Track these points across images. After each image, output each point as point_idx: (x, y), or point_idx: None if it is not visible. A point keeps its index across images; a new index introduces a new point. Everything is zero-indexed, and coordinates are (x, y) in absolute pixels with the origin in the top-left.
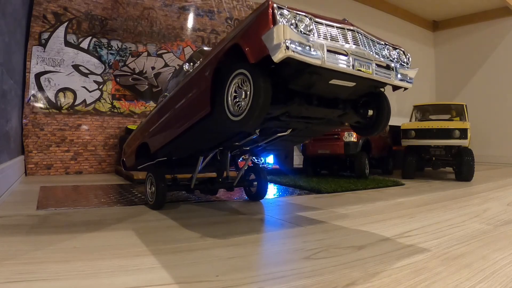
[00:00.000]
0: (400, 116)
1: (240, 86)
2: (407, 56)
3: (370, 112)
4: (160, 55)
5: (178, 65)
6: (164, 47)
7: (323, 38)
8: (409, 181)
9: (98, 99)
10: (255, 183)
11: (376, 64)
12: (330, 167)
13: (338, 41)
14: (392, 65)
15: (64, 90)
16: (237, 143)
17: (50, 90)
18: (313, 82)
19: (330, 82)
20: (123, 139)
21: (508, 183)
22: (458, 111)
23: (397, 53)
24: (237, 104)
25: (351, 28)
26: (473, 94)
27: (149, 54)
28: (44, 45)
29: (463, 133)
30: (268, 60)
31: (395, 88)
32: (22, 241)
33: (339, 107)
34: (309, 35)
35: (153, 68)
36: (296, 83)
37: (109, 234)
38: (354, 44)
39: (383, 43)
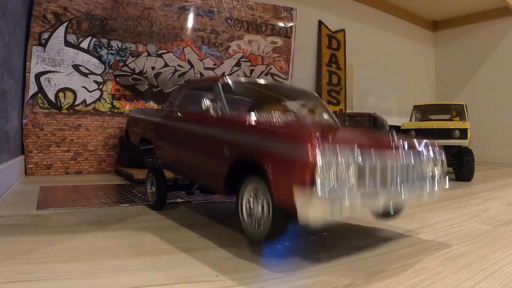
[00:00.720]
0: (400, 116)
1: (257, 194)
2: (442, 163)
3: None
4: (160, 55)
5: (178, 65)
6: (164, 47)
7: (359, 185)
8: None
9: (98, 99)
10: None
11: (408, 191)
12: None
13: (375, 181)
14: (426, 185)
15: (64, 90)
16: None
17: (50, 90)
18: None
19: None
20: (123, 139)
21: (508, 183)
22: (458, 111)
23: (433, 158)
24: (252, 215)
25: (393, 160)
26: (473, 94)
27: (149, 54)
28: (44, 45)
29: (463, 133)
30: None
31: None
32: (22, 241)
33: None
34: (345, 188)
35: (153, 68)
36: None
37: (109, 234)
38: (390, 181)
39: (422, 151)
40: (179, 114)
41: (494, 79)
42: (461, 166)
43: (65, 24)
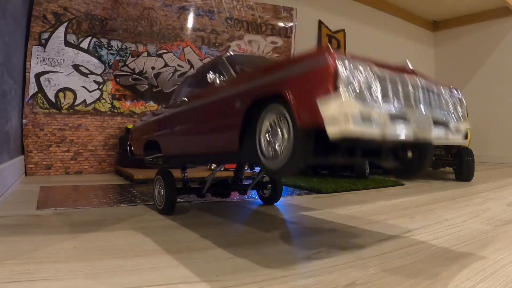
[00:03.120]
0: None
1: (277, 123)
2: (463, 105)
3: (410, 154)
4: (160, 55)
5: (178, 65)
6: (164, 47)
7: (384, 100)
8: (409, 181)
9: (98, 99)
10: (269, 185)
11: (435, 125)
12: (330, 167)
13: (400, 100)
14: (450, 123)
15: (64, 90)
16: None
17: (50, 90)
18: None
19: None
20: (123, 139)
21: (508, 183)
22: None
23: (453, 100)
24: (272, 145)
25: (413, 81)
26: (473, 94)
27: (149, 54)
28: (44, 45)
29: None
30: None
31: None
32: (22, 241)
33: (382, 156)
34: (370, 99)
35: (153, 68)
36: (342, 144)
37: (109, 234)
38: (414, 102)
39: (441, 88)
40: (184, 99)
41: (494, 79)
42: (461, 166)
43: (65, 24)
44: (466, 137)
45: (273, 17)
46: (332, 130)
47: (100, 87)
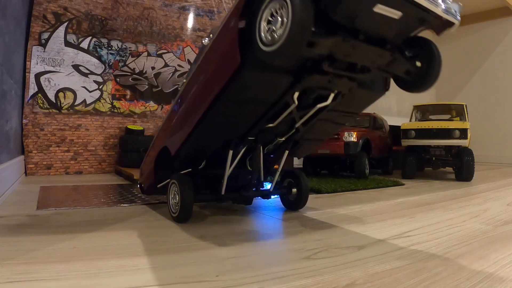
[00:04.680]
0: (400, 116)
1: (275, 13)
2: None
3: (418, 64)
4: (160, 55)
5: (178, 65)
6: (164, 47)
7: None
8: (409, 181)
9: (98, 99)
10: (294, 189)
11: None
12: (330, 167)
13: None
14: None
15: (64, 90)
16: (271, 125)
17: (50, 90)
18: (357, 9)
19: (374, 9)
20: (123, 139)
21: (508, 183)
22: (458, 111)
23: None
24: (272, 32)
25: None
26: (473, 94)
27: (149, 54)
28: (44, 45)
29: (463, 133)
30: None
31: (440, 28)
32: (22, 241)
33: (387, 47)
34: None
35: (153, 68)
36: (338, 9)
37: (109, 234)
38: None
39: None
40: (184, 81)
41: (494, 79)
42: (461, 166)
43: (65, 24)
44: (466, 138)
45: None
46: None
47: (100, 87)
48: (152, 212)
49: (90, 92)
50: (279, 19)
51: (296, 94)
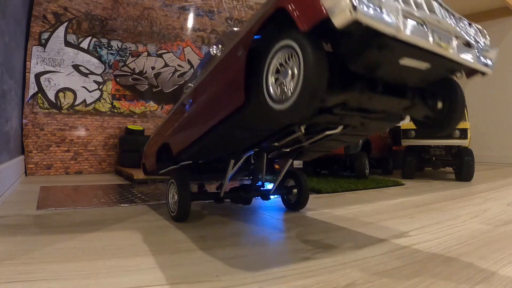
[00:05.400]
0: None
1: (284, 63)
2: (486, 36)
3: (440, 105)
4: (160, 55)
5: (178, 65)
6: (164, 47)
7: None
8: (409, 181)
9: (98, 99)
10: (294, 190)
11: (456, 40)
12: (330, 167)
13: (410, 4)
14: (473, 43)
15: (64, 90)
16: (276, 144)
17: (50, 90)
18: (380, 61)
19: (400, 62)
20: (123, 139)
21: (508, 183)
22: None
23: (474, 30)
24: (281, 87)
25: None
26: (473, 94)
27: (149, 54)
28: (44, 45)
29: (463, 133)
30: (324, 27)
31: (471, 73)
32: (22, 241)
33: (407, 96)
34: None
35: (153, 68)
36: (359, 61)
37: (109, 234)
38: (429, 11)
39: (458, 15)
40: (190, 85)
41: (494, 79)
42: (461, 166)
43: (65, 24)
44: (466, 138)
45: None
46: (338, 18)
47: (100, 87)
48: (152, 212)
49: (90, 92)
50: (289, 71)
51: (303, 127)
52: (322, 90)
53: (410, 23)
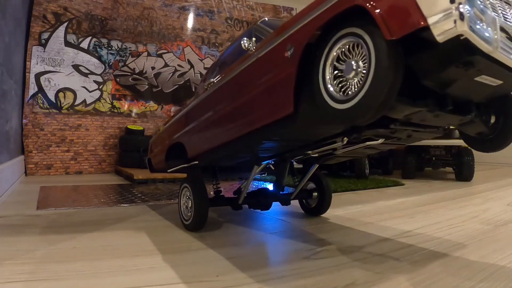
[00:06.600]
0: None
1: (347, 55)
2: None
3: (493, 119)
4: (160, 55)
5: (178, 65)
6: (164, 47)
7: (491, 8)
8: (409, 181)
9: (98, 99)
10: (315, 194)
11: None
12: (330, 167)
13: (504, 15)
14: None
15: (64, 90)
16: (309, 152)
17: (50, 90)
18: (458, 78)
19: (476, 79)
20: (123, 139)
21: (508, 183)
22: None
23: None
24: (342, 83)
25: None
26: None
27: (149, 54)
28: (44, 45)
29: None
30: (411, 36)
31: None
32: (22, 241)
33: (472, 113)
34: (482, 1)
35: (153, 68)
36: (436, 77)
37: (109, 234)
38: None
39: None
40: (212, 81)
41: None
42: (461, 166)
43: (65, 24)
44: None
45: (273, 17)
46: (440, 29)
47: (100, 87)
48: (152, 212)
49: (90, 92)
50: (353, 65)
51: (346, 138)
52: (394, 90)
53: (503, 38)
